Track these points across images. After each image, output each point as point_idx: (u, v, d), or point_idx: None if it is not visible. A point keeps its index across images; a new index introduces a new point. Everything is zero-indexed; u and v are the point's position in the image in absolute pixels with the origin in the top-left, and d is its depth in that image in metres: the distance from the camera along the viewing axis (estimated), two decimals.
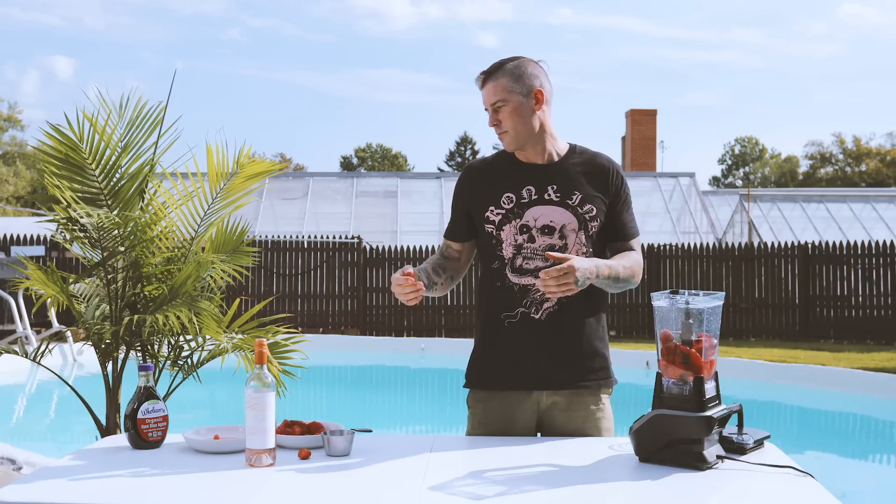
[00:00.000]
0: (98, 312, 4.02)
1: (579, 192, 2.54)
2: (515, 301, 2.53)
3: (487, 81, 2.54)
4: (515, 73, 2.52)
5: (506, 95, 2.51)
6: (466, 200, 2.62)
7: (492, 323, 2.57)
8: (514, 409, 2.54)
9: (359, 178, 21.17)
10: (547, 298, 2.51)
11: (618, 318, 14.86)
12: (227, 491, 1.96)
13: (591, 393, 2.58)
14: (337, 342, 13.34)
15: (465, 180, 2.65)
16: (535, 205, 2.53)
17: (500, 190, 2.55)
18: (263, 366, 2.13)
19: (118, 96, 3.94)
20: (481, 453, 2.26)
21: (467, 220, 2.62)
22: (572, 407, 2.56)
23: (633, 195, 2.75)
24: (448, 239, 2.69)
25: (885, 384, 8.98)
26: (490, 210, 2.55)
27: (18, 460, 5.08)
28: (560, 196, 2.53)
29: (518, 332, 2.53)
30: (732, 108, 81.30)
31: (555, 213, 2.52)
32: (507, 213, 2.54)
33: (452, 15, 76.69)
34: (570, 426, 2.55)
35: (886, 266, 13.93)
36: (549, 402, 2.55)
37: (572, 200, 2.53)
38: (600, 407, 2.59)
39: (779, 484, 1.97)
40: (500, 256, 2.54)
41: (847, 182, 49.67)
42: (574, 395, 2.56)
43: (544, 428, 2.58)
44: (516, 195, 2.54)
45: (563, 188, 2.54)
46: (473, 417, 2.60)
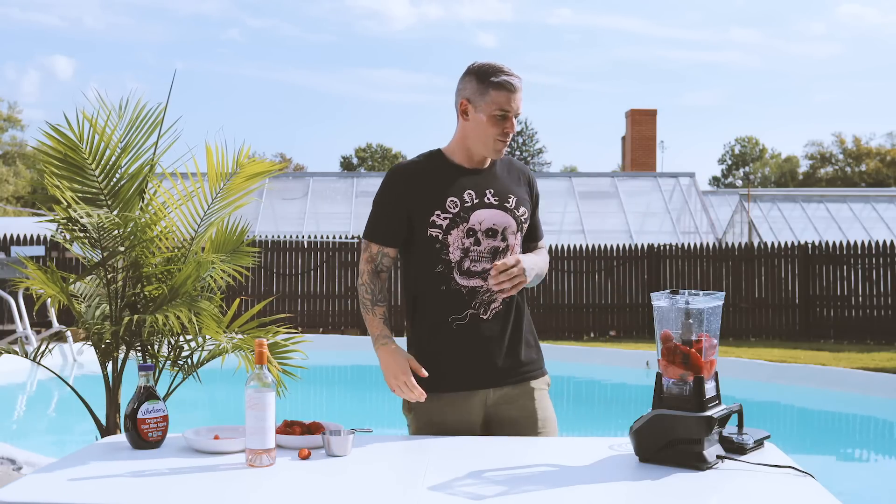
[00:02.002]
0: (98, 312, 4.02)
1: (513, 195, 2.63)
2: (464, 304, 2.55)
3: (520, 87, 2.56)
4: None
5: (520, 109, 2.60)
6: (405, 203, 2.57)
7: (436, 326, 2.58)
8: (462, 409, 2.56)
9: (359, 178, 21.17)
10: (494, 299, 2.56)
11: (618, 318, 14.87)
12: (227, 491, 1.96)
13: (535, 383, 2.65)
14: (337, 342, 13.34)
15: (400, 183, 2.60)
16: (477, 209, 2.57)
17: (443, 194, 2.55)
18: (263, 366, 2.13)
19: (118, 97, 3.94)
20: (481, 453, 2.26)
21: (405, 225, 2.59)
22: (518, 400, 2.61)
23: (633, 195, 2.81)
24: (385, 246, 2.62)
25: (885, 384, 8.98)
26: (437, 214, 2.54)
27: (18, 460, 5.08)
28: (498, 200, 2.60)
29: (466, 334, 2.56)
30: (732, 108, 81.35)
31: (496, 216, 2.58)
32: (454, 217, 2.54)
33: (452, 15, 76.73)
34: (517, 419, 2.59)
35: (886, 266, 13.93)
36: (495, 397, 2.59)
37: (509, 203, 2.61)
38: (543, 395, 2.66)
39: (779, 484, 1.97)
40: (446, 260, 2.55)
41: (847, 182, 49.68)
42: (519, 388, 2.62)
43: (491, 424, 2.61)
44: (459, 199, 2.56)
45: (499, 192, 2.61)
46: (418, 420, 2.59)
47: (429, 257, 2.56)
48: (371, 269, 2.63)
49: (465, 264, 2.54)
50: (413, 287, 2.64)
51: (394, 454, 2.25)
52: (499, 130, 2.54)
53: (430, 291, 2.58)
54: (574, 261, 14.88)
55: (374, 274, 2.64)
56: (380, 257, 2.63)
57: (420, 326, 2.64)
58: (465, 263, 2.54)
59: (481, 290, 2.55)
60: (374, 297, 2.62)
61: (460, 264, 2.54)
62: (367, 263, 2.64)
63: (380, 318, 2.62)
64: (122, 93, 3.94)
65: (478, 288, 2.55)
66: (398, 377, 2.49)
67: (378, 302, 2.62)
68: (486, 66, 2.58)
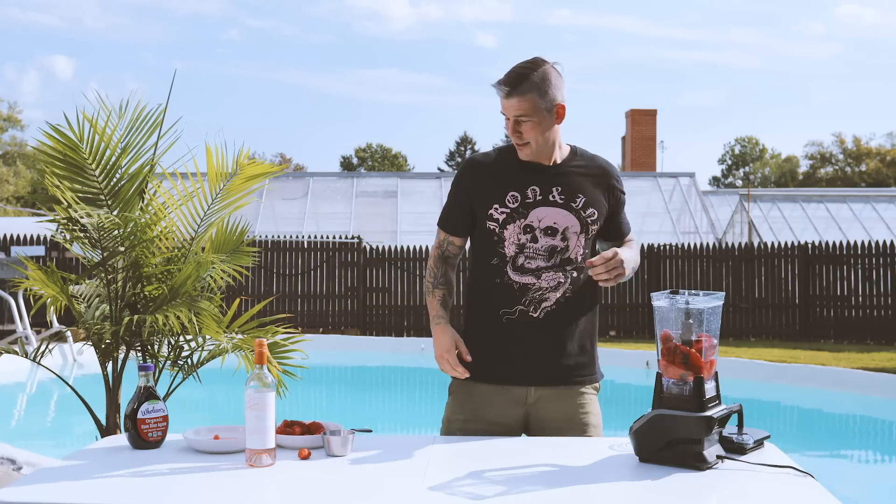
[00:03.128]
0: (98, 312, 4.02)
1: (583, 195, 2.58)
2: (514, 299, 2.55)
3: (513, 95, 2.48)
4: (542, 88, 2.49)
5: (532, 112, 2.50)
6: (469, 195, 2.61)
7: (488, 317, 2.59)
8: (500, 399, 2.57)
9: (359, 178, 21.17)
10: (546, 298, 2.55)
11: (618, 318, 14.86)
12: (227, 491, 1.96)
13: (578, 389, 2.62)
14: (337, 342, 13.34)
15: (468, 174, 2.63)
16: (539, 205, 2.54)
17: (505, 188, 2.55)
18: (263, 366, 2.13)
19: (118, 97, 3.94)
20: (481, 453, 2.26)
21: (470, 215, 2.61)
22: (559, 401, 2.59)
23: (633, 195, 2.81)
24: (451, 234, 2.67)
25: (885, 384, 8.98)
26: (494, 208, 2.55)
27: (18, 460, 5.08)
28: (564, 198, 2.56)
29: (515, 329, 2.55)
30: (732, 108, 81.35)
31: (559, 215, 2.55)
32: (511, 212, 2.54)
33: (451, 15, 76.73)
34: (557, 419, 2.58)
35: (886, 266, 13.93)
36: (536, 396, 2.58)
37: (576, 203, 2.57)
38: (586, 402, 2.63)
39: (779, 484, 1.97)
40: (502, 254, 2.55)
41: (847, 182, 49.67)
42: (561, 391, 2.60)
43: (532, 421, 2.60)
44: (521, 194, 2.55)
45: (567, 191, 2.57)
46: (455, 404, 2.62)
47: (486, 249, 2.58)
48: (438, 255, 2.68)
49: (520, 260, 2.54)
50: (471, 276, 2.67)
51: (394, 454, 2.25)
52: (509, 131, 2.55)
53: (485, 282, 2.59)
54: None
55: (439, 259, 2.68)
56: (446, 244, 2.68)
57: (472, 315, 2.65)
58: (520, 259, 2.54)
59: (533, 287, 2.54)
60: (436, 280, 2.66)
61: (514, 259, 2.54)
62: (435, 249, 2.70)
63: (438, 299, 2.63)
64: (122, 93, 3.95)
65: (529, 285, 2.54)
66: (443, 354, 2.53)
67: (438, 285, 2.65)
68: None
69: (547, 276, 2.54)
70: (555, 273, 2.54)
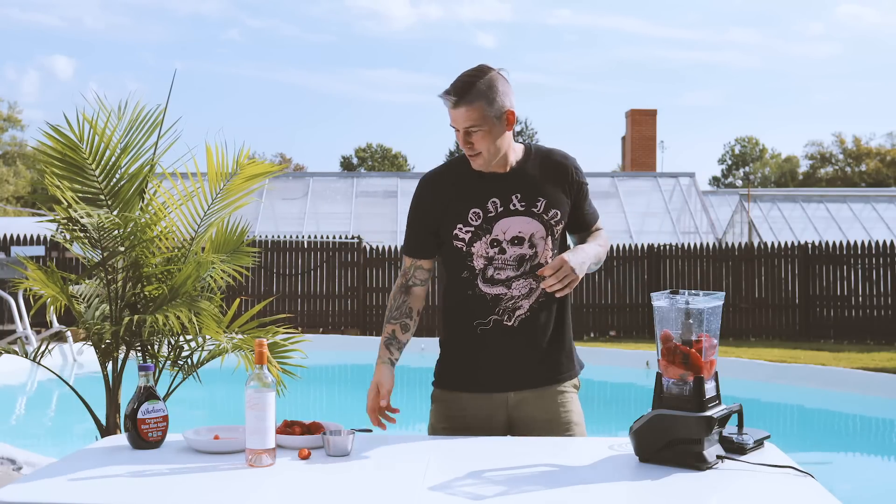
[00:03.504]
0: (98, 312, 4.02)
1: (543, 197, 2.54)
2: (488, 309, 2.55)
3: (461, 104, 2.42)
4: (489, 96, 2.43)
5: (480, 121, 2.43)
6: (431, 218, 2.57)
7: (463, 328, 2.59)
8: (482, 405, 2.58)
9: (359, 178, 21.17)
10: (519, 306, 2.55)
11: (618, 318, 14.87)
12: (227, 491, 1.96)
13: (558, 388, 2.63)
14: (337, 342, 13.34)
15: (426, 196, 2.59)
16: (501, 217, 2.52)
17: (466, 205, 2.52)
18: (263, 366, 2.13)
19: (118, 97, 3.95)
20: (481, 453, 2.26)
21: (434, 237, 2.58)
22: (540, 401, 2.60)
23: (633, 195, 2.80)
24: (417, 258, 2.62)
25: (885, 384, 8.98)
26: (459, 228, 2.52)
27: (18, 460, 5.08)
28: (525, 205, 2.53)
29: (490, 339, 2.56)
30: (732, 108, 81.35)
31: (522, 223, 2.53)
32: (476, 229, 2.52)
33: (451, 15, 76.73)
34: (540, 419, 2.59)
35: (886, 266, 13.93)
36: (517, 399, 2.59)
37: (537, 208, 2.53)
38: (567, 400, 2.63)
39: (779, 484, 1.97)
40: (471, 267, 2.54)
41: (847, 182, 49.67)
42: (542, 391, 2.60)
43: (516, 425, 2.61)
44: (482, 210, 2.52)
45: (526, 196, 2.53)
46: (438, 412, 2.64)
47: (455, 264, 2.57)
48: (401, 284, 2.65)
49: (489, 272, 2.53)
50: (445, 289, 2.67)
51: (394, 454, 2.25)
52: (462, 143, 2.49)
53: (458, 295, 2.59)
54: None
55: (401, 288, 2.64)
56: (412, 271, 2.64)
57: (449, 326, 2.65)
58: (489, 271, 2.53)
59: (505, 297, 2.54)
60: (390, 313, 2.63)
61: (484, 272, 2.53)
62: (400, 278, 2.66)
63: (385, 336, 2.61)
64: (122, 93, 3.96)
65: (501, 295, 2.54)
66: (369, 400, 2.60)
67: (391, 320, 2.62)
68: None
69: (518, 284, 2.53)
70: (525, 280, 2.54)
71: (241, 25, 76.42)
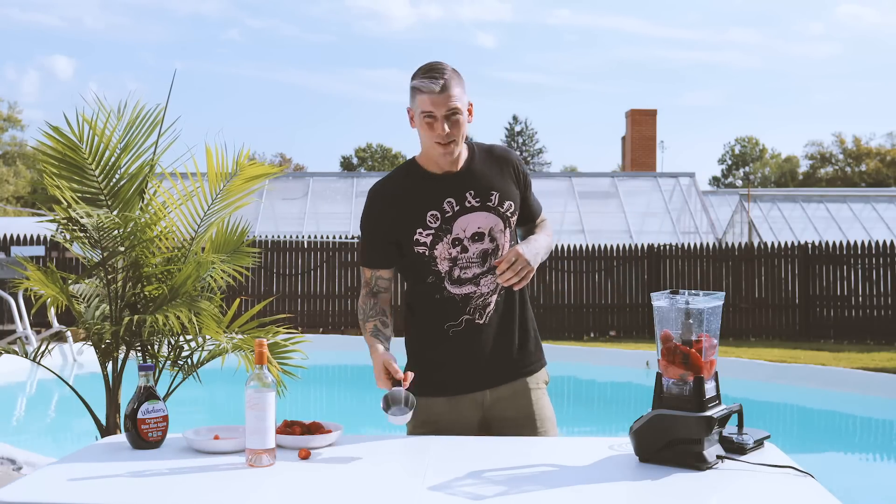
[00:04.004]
0: (98, 312, 4.02)
1: (495, 191, 2.55)
2: (458, 310, 2.55)
3: (448, 88, 2.40)
4: (461, 83, 2.45)
5: (461, 106, 2.43)
6: (387, 227, 2.53)
7: (433, 333, 2.57)
8: (456, 410, 2.58)
9: (359, 178, 21.16)
10: (489, 302, 2.55)
11: (618, 318, 14.87)
12: (227, 491, 1.96)
13: (532, 380, 2.64)
14: (337, 342, 13.34)
15: (378, 207, 2.55)
16: (459, 215, 2.52)
17: (422, 209, 2.50)
18: (263, 366, 2.13)
19: (117, 97, 3.95)
20: (481, 453, 2.26)
21: (394, 247, 2.55)
22: (514, 400, 2.61)
23: (633, 195, 2.80)
24: (378, 269, 2.59)
25: (885, 384, 8.98)
26: (419, 232, 2.50)
27: (18, 460, 5.08)
28: (480, 200, 2.53)
29: (463, 339, 2.55)
30: (732, 108, 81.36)
31: (480, 218, 2.53)
32: (436, 230, 2.51)
33: (451, 15, 76.73)
34: (513, 417, 2.59)
35: (886, 266, 13.93)
36: (492, 398, 2.59)
37: (492, 202, 2.54)
38: (539, 397, 2.65)
39: (779, 484, 1.97)
40: (436, 271, 2.53)
41: (847, 182, 49.68)
42: (516, 386, 2.61)
43: (490, 424, 2.61)
44: (439, 211, 2.51)
45: (480, 192, 2.53)
46: (414, 418, 2.55)
47: (418, 271, 2.55)
48: (367, 292, 2.62)
49: (455, 273, 2.52)
50: (408, 296, 2.64)
51: (394, 454, 2.25)
52: (432, 133, 2.43)
53: (425, 301, 2.58)
54: (574, 261, 14.89)
55: (368, 295, 2.62)
56: (374, 281, 2.61)
57: (416, 334, 2.63)
58: (455, 272, 2.52)
59: (475, 295, 2.54)
60: (366, 314, 2.59)
61: (450, 274, 2.53)
62: (364, 287, 2.63)
63: (369, 331, 2.57)
64: (122, 93, 3.97)
65: (471, 294, 2.54)
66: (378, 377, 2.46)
67: (369, 318, 2.58)
68: (416, 71, 2.48)
69: (485, 280, 2.54)
70: (489, 276, 2.54)
71: (241, 25, 76.44)
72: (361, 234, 2.63)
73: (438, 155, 2.47)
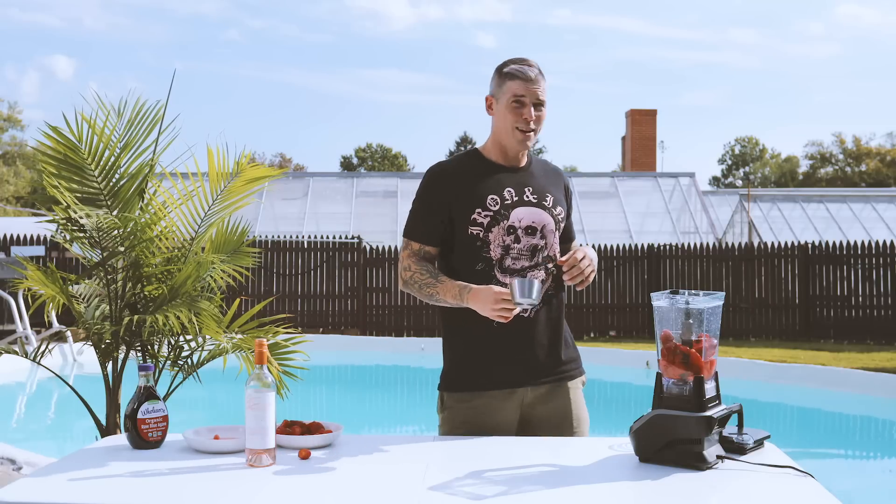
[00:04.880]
0: (98, 312, 4.02)
1: (550, 194, 2.64)
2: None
3: (541, 77, 2.58)
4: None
5: (545, 100, 2.60)
6: (446, 203, 2.56)
7: (478, 324, 2.54)
8: (498, 408, 2.57)
9: (359, 178, 21.17)
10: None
11: (618, 318, 14.87)
12: (227, 491, 1.96)
13: (572, 382, 2.67)
14: (337, 342, 13.34)
15: (439, 183, 2.59)
16: (517, 206, 2.57)
17: (484, 192, 2.56)
18: (263, 366, 2.13)
19: (117, 97, 3.94)
20: (481, 453, 2.26)
21: (447, 224, 2.57)
22: (554, 398, 2.62)
23: (633, 195, 2.83)
24: (426, 244, 2.58)
25: (885, 384, 8.98)
26: (477, 212, 2.54)
27: (18, 460, 5.08)
28: (537, 198, 2.61)
29: (508, 332, 2.55)
30: (731, 108, 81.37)
31: (535, 214, 2.59)
32: (494, 214, 2.54)
33: (451, 15, 76.73)
34: (552, 417, 2.60)
35: (886, 266, 13.94)
36: (532, 396, 2.60)
37: (547, 202, 2.62)
38: (579, 395, 2.68)
39: (779, 484, 1.97)
40: (487, 258, 2.54)
41: (847, 182, 49.68)
42: (556, 386, 2.63)
43: (527, 424, 2.61)
44: (499, 197, 2.56)
45: (537, 190, 2.63)
46: (453, 419, 2.57)
47: (470, 255, 2.55)
48: (417, 259, 2.58)
49: (506, 262, 2.54)
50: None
51: (394, 454, 2.25)
52: (517, 118, 2.55)
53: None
54: None
55: (421, 260, 2.58)
56: (422, 253, 2.60)
57: (460, 325, 2.59)
58: (506, 261, 2.54)
59: None
60: (433, 272, 2.54)
61: (501, 262, 2.54)
62: (410, 258, 2.59)
63: (448, 282, 2.50)
64: (122, 93, 3.96)
65: None
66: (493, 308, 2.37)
67: (437, 275, 2.53)
68: (505, 61, 2.63)
69: (531, 274, 2.56)
70: (538, 271, 2.57)
71: (240, 25, 76.44)
72: (415, 208, 2.63)
73: (516, 142, 2.58)
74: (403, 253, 2.62)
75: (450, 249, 2.60)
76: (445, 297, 2.50)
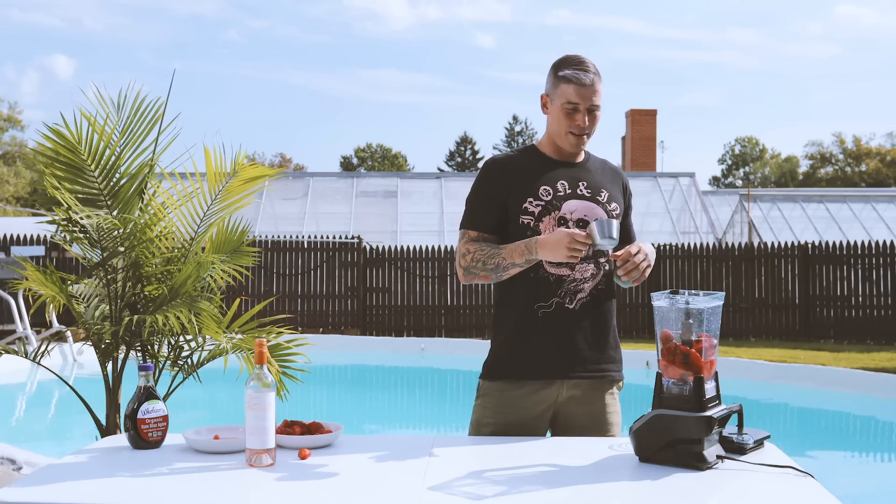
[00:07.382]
0: (98, 312, 4.02)
1: (605, 190, 2.64)
2: (551, 291, 2.55)
3: (597, 80, 2.54)
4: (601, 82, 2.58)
5: (600, 102, 2.58)
6: (501, 191, 2.59)
7: (523, 313, 2.56)
8: (533, 400, 2.56)
9: (359, 178, 21.16)
10: (581, 289, 2.58)
11: (618, 318, 14.70)
12: (227, 491, 1.96)
13: (609, 384, 2.66)
14: (337, 342, 13.34)
15: (495, 172, 2.62)
16: (570, 198, 2.58)
17: (537, 182, 2.58)
18: (263, 366, 2.13)
19: (117, 94, 3.94)
20: (481, 453, 2.26)
21: (501, 210, 2.59)
22: (589, 399, 2.61)
23: (634, 195, 2.83)
24: (484, 232, 2.59)
25: (885, 384, 8.98)
26: (529, 201, 2.56)
27: (18, 460, 5.08)
28: (590, 192, 2.61)
29: (552, 322, 2.56)
30: (731, 108, 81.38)
31: (588, 207, 2.59)
32: (546, 204, 2.56)
33: (450, 16, 76.75)
34: (586, 418, 2.59)
35: (886, 266, 13.93)
36: (568, 394, 2.59)
37: (601, 197, 2.62)
38: (614, 399, 2.67)
39: (779, 484, 1.97)
40: None
41: (847, 182, 49.67)
42: (593, 386, 2.61)
43: (560, 420, 2.60)
44: (552, 188, 2.58)
45: (591, 185, 2.63)
46: (485, 407, 2.59)
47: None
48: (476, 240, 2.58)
49: None
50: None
51: (394, 454, 2.25)
52: (570, 123, 2.55)
53: (519, 278, 2.56)
54: None
55: (479, 241, 2.58)
56: (479, 240, 2.60)
57: (507, 313, 2.61)
58: None
59: (568, 278, 2.56)
60: (492, 245, 2.55)
61: None
62: (467, 244, 2.58)
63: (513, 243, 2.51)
64: (120, 88, 3.94)
65: (565, 276, 2.56)
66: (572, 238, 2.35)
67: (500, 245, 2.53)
68: (561, 60, 2.60)
69: (581, 267, 2.57)
70: (588, 264, 2.58)
71: (239, 25, 76.45)
72: (471, 198, 2.65)
73: (570, 144, 2.59)
74: (459, 244, 2.62)
75: (504, 239, 2.60)
76: (513, 259, 2.49)
